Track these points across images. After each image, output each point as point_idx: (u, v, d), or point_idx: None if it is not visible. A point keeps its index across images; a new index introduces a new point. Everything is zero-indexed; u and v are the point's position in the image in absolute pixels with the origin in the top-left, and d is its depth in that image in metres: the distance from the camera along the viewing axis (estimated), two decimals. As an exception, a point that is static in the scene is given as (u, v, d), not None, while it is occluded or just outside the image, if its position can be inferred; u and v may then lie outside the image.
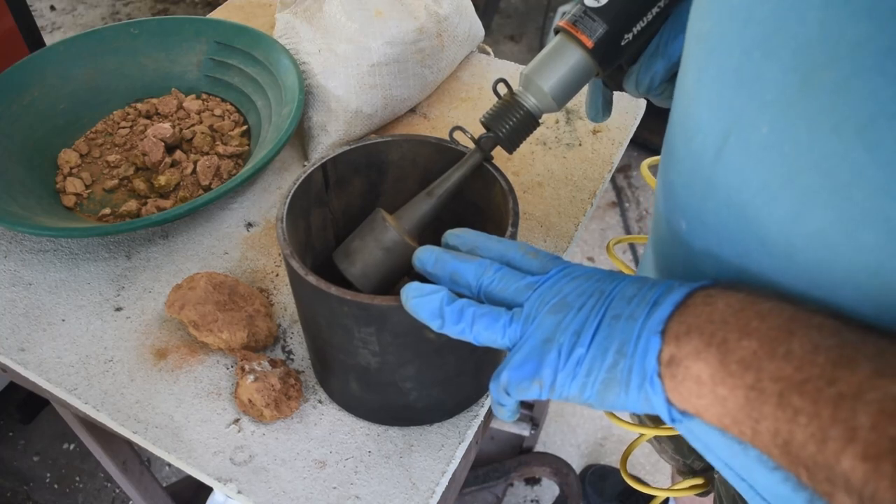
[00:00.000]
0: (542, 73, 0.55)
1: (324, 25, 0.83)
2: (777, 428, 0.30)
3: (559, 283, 0.42)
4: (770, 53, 0.33)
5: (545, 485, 1.45)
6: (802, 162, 0.33)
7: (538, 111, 0.57)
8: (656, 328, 0.36)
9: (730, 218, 0.39)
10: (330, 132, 0.83)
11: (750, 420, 0.32)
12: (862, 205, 0.31)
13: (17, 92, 0.83)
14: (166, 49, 0.91)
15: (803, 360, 0.30)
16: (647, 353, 0.36)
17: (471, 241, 0.47)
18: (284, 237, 0.52)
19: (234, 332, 0.63)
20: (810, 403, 0.29)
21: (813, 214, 0.33)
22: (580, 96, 0.94)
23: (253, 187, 0.82)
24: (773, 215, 0.35)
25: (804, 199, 0.33)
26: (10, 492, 1.42)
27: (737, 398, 0.32)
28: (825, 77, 0.30)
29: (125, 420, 0.61)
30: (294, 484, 0.57)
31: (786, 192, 0.34)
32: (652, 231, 0.54)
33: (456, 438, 0.59)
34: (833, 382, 0.29)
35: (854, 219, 0.31)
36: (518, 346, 0.41)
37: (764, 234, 0.37)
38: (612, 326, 0.38)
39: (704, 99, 0.39)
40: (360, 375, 0.55)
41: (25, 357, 0.65)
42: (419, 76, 0.86)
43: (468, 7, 0.93)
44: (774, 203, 0.35)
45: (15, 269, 0.73)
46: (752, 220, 0.37)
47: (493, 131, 0.57)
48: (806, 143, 0.32)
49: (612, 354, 0.38)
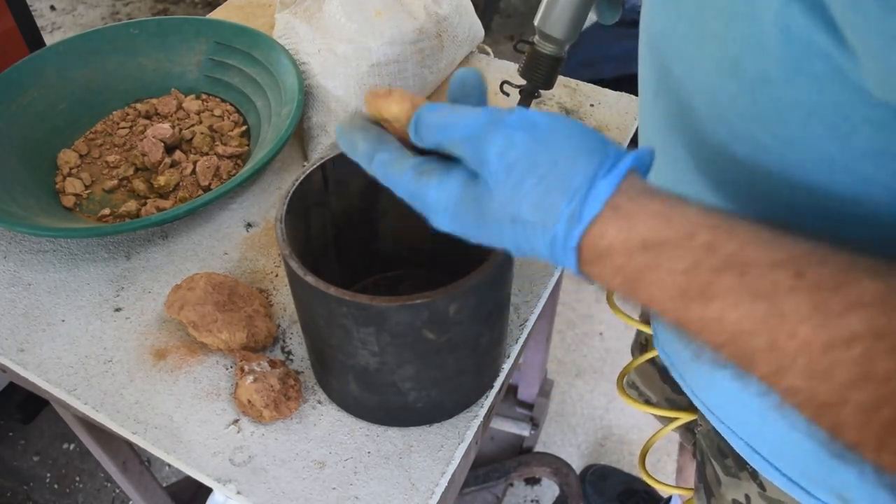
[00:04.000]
0: (549, 21, 0.66)
1: (323, 26, 0.83)
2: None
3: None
4: (680, 13, 0.41)
5: (545, 485, 1.44)
6: (697, 97, 0.42)
7: (558, 53, 0.69)
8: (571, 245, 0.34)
9: (683, 128, 0.46)
10: (330, 132, 0.83)
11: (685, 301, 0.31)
12: (737, 127, 0.39)
13: (17, 92, 0.83)
14: (166, 49, 0.91)
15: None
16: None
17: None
18: (283, 237, 0.52)
19: (233, 333, 0.63)
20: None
21: (721, 132, 0.41)
22: (578, 96, 0.94)
23: (252, 188, 0.82)
24: (701, 127, 0.43)
25: (719, 117, 0.41)
26: (10, 492, 1.42)
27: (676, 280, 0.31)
28: (713, 26, 0.37)
29: (125, 420, 0.61)
30: (293, 484, 0.57)
31: (707, 109, 0.42)
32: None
33: (455, 439, 0.59)
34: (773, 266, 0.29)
35: (733, 140, 0.40)
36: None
37: (698, 140, 0.44)
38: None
39: (645, 56, 0.49)
40: (360, 376, 0.55)
41: (25, 357, 0.65)
42: (419, 76, 0.85)
43: (468, 7, 0.93)
44: (700, 109, 0.43)
45: (14, 270, 0.73)
46: (687, 125, 0.45)
47: (529, 82, 0.71)
48: (698, 80, 0.41)
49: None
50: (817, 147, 0.35)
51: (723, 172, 0.43)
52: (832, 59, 0.31)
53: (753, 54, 0.35)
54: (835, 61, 0.31)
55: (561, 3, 0.64)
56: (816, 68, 0.32)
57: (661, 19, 0.44)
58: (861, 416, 0.26)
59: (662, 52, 0.45)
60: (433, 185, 0.37)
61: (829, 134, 0.34)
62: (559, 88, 0.95)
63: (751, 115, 0.37)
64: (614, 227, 0.32)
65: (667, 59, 0.44)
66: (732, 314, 0.29)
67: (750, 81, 0.36)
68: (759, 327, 0.28)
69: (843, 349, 0.26)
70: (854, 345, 0.26)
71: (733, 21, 0.36)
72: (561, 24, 0.65)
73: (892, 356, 0.25)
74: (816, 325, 0.27)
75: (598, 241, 0.32)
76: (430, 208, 0.37)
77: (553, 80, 0.71)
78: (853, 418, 0.26)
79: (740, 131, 0.39)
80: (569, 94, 0.94)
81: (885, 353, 0.25)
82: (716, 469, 0.62)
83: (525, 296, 0.70)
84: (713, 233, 0.30)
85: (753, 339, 0.28)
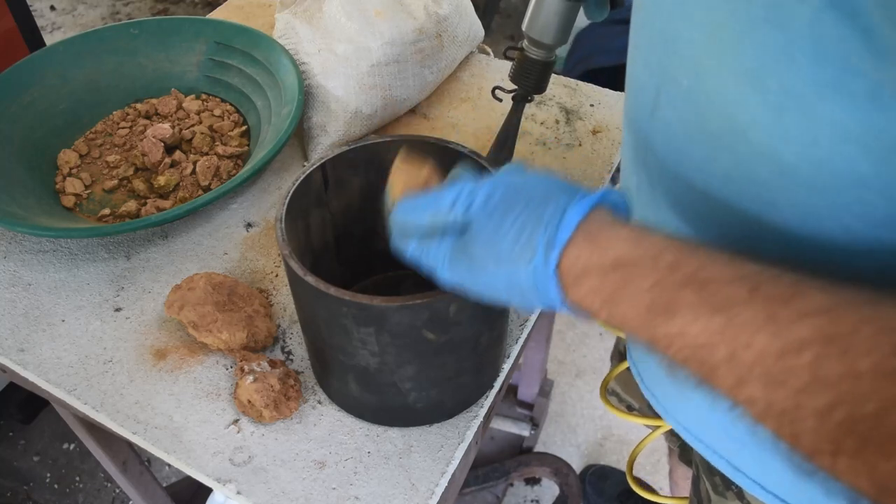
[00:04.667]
0: (536, 27, 0.65)
1: (323, 26, 0.83)
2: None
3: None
4: (686, 14, 0.37)
5: (545, 485, 1.44)
6: (712, 109, 0.37)
7: (548, 57, 0.68)
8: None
9: (665, 170, 0.43)
10: (329, 132, 0.83)
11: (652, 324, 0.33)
12: (757, 146, 0.35)
13: (17, 92, 0.83)
14: (166, 49, 0.91)
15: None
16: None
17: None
18: (283, 237, 0.52)
19: (233, 333, 0.63)
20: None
21: (720, 157, 0.38)
22: (578, 96, 0.94)
23: (252, 188, 0.82)
24: (693, 160, 0.40)
25: (714, 143, 0.38)
26: (10, 492, 1.42)
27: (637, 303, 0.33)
28: (727, 31, 0.34)
29: (124, 420, 0.61)
30: (293, 484, 0.57)
31: (700, 138, 0.39)
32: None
33: (455, 439, 0.59)
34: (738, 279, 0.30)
35: (752, 160, 0.36)
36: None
37: (687, 181, 0.41)
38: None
39: (641, 60, 0.44)
40: (360, 376, 0.55)
41: (25, 357, 0.65)
42: (419, 76, 0.85)
43: (468, 7, 0.93)
44: (693, 150, 0.40)
45: (15, 270, 0.73)
46: (677, 169, 0.42)
47: (520, 87, 0.70)
48: (713, 93, 0.36)
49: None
50: (849, 169, 0.32)
51: (736, 196, 0.39)
52: (868, 77, 0.29)
53: (779, 66, 0.32)
54: (870, 80, 0.29)
55: (547, 8, 0.64)
56: (851, 85, 0.30)
57: (662, 18, 0.40)
58: (816, 421, 0.26)
59: (665, 58, 0.41)
60: (433, 246, 0.42)
61: (863, 156, 0.32)
62: (559, 88, 0.95)
63: (776, 133, 0.34)
64: (587, 249, 0.35)
65: (671, 67, 0.40)
66: (693, 328, 0.30)
67: (774, 95, 0.33)
68: (717, 339, 0.29)
69: (795, 356, 0.27)
70: (805, 351, 0.27)
71: (752, 27, 0.33)
72: (549, 29, 0.65)
73: (841, 360, 0.26)
74: (770, 335, 0.28)
75: (574, 263, 0.35)
76: (432, 265, 0.42)
77: (544, 84, 0.71)
78: (808, 424, 0.26)
79: (762, 149, 0.35)
80: (569, 94, 0.94)
81: (834, 357, 0.26)
82: (707, 486, 0.62)
83: (525, 296, 0.70)
84: (676, 254, 0.32)
85: (713, 351, 0.29)
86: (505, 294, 0.39)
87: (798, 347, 0.27)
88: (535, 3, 0.65)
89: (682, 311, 0.30)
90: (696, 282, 0.30)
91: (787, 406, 0.27)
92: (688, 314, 0.30)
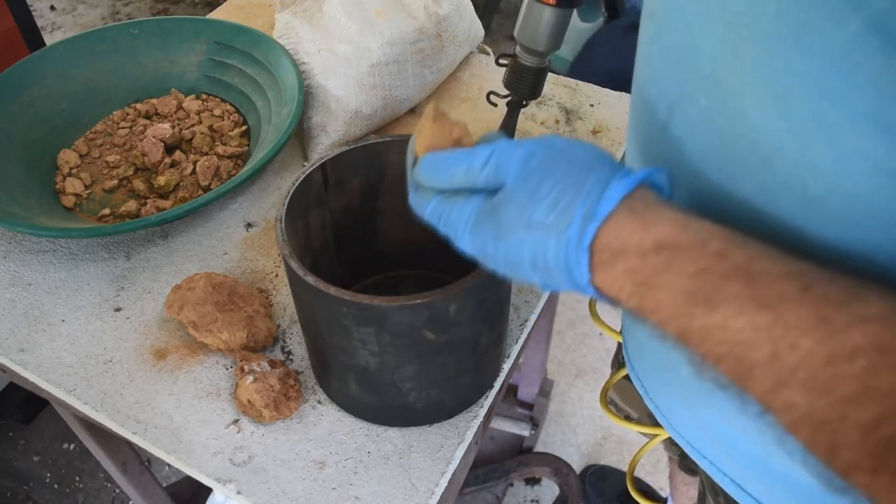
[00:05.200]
0: (528, 34, 0.64)
1: (323, 26, 0.83)
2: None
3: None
4: (706, 28, 0.34)
5: (545, 485, 1.44)
6: (732, 133, 0.34)
7: (541, 63, 0.67)
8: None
9: (676, 190, 0.40)
10: (329, 132, 0.83)
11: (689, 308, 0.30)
12: (782, 175, 0.32)
13: (17, 92, 0.83)
14: (166, 49, 0.91)
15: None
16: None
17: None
18: (283, 237, 0.52)
19: (233, 333, 0.63)
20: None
21: (740, 183, 0.35)
22: (578, 96, 0.94)
23: (252, 188, 0.82)
24: (710, 184, 0.37)
25: (733, 167, 0.35)
26: (10, 492, 1.42)
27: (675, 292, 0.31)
28: (750, 50, 0.31)
29: (124, 420, 0.61)
30: (293, 484, 0.57)
31: (719, 162, 0.36)
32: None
33: (455, 439, 0.59)
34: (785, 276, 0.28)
35: (776, 188, 0.33)
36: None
37: (701, 203, 0.38)
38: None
39: (653, 74, 0.41)
40: (360, 376, 0.55)
41: (25, 357, 0.65)
42: (419, 76, 0.85)
43: (468, 7, 0.93)
44: (710, 172, 0.37)
45: (15, 270, 0.73)
46: (690, 188, 0.39)
47: (514, 94, 0.70)
48: (735, 113, 0.34)
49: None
50: (883, 205, 0.30)
51: (755, 224, 0.36)
52: None
53: (808, 91, 0.30)
54: None
55: (538, 15, 0.62)
56: (890, 116, 0.28)
57: (678, 31, 0.37)
58: (859, 434, 0.25)
59: (682, 73, 0.38)
60: (457, 206, 0.38)
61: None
62: (559, 88, 0.95)
63: (802, 162, 0.32)
64: (629, 227, 0.32)
65: (688, 84, 0.37)
66: (736, 322, 0.28)
67: (802, 121, 0.31)
68: (761, 337, 0.27)
69: (846, 363, 0.25)
70: (857, 359, 0.25)
71: (778, 48, 0.30)
72: (541, 36, 0.64)
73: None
74: (820, 338, 0.26)
75: (612, 240, 0.32)
76: (453, 226, 0.39)
77: (539, 90, 0.69)
78: (851, 437, 0.25)
79: (787, 179, 0.33)
80: (569, 94, 0.94)
81: (888, 367, 0.24)
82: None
83: (525, 296, 0.70)
84: (726, 242, 0.30)
85: (754, 349, 0.27)
86: (528, 266, 0.36)
87: (850, 354, 0.25)
88: (526, 10, 0.63)
89: (725, 302, 0.28)
90: (744, 274, 0.28)
91: (829, 416, 0.25)
92: (732, 307, 0.28)
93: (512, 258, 0.36)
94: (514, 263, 0.36)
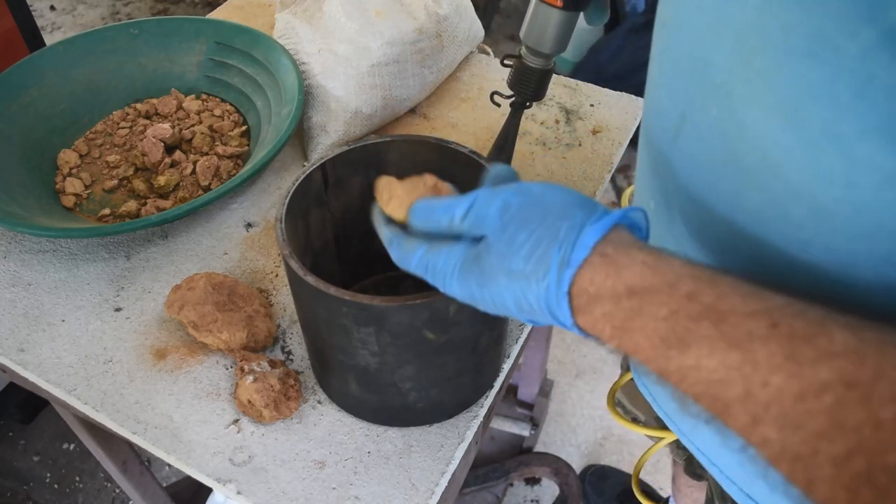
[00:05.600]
0: (534, 36, 0.64)
1: (323, 26, 0.83)
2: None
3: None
4: (716, 39, 0.35)
5: (545, 485, 1.44)
6: (743, 142, 0.34)
7: (546, 65, 0.67)
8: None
9: (686, 198, 0.41)
10: (329, 132, 0.83)
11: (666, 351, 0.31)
12: (792, 185, 0.33)
13: (17, 92, 0.83)
14: (166, 49, 0.91)
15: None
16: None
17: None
18: (283, 237, 0.52)
19: (233, 333, 0.63)
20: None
21: (750, 193, 0.35)
22: (578, 96, 0.94)
23: (252, 187, 0.82)
24: (720, 193, 0.38)
25: (743, 177, 0.35)
26: (10, 492, 1.42)
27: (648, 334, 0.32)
28: (761, 60, 0.32)
29: (124, 420, 0.61)
30: (293, 484, 0.57)
31: (728, 171, 0.36)
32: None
33: (455, 439, 0.59)
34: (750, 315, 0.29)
35: (785, 199, 0.33)
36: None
37: (711, 212, 0.39)
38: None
39: (664, 84, 0.42)
40: (360, 376, 0.55)
41: (25, 357, 0.65)
42: (419, 76, 0.85)
43: (468, 7, 0.93)
44: (720, 183, 0.37)
45: (15, 270, 0.73)
46: (700, 199, 0.39)
47: (518, 95, 0.69)
48: (745, 124, 0.34)
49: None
50: (892, 217, 0.30)
51: (764, 234, 0.37)
52: None
53: (819, 102, 0.30)
54: None
55: (544, 17, 0.62)
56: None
57: (690, 40, 0.38)
58: (832, 469, 0.25)
59: (693, 83, 0.38)
60: (443, 254, 0.40)
61: None
62: (559, 88, 0.95)
63: (812, 173, 0.32)
64: (602, 272, 0.33)
65: (699, 94, 0.37)
66: (709, 362, 0.28)
67: (813, 132, 0.31)
68: (733, 375, 0.28)
69: (815, 399, 0.25)
70: (825, 394, 0.25)
71: (790, 59, 0.30)
72: (547, 38, 0.64)
73: (863, 405, 0.25)
74: (789, 375, 0.26)
75: (587, 286, 0.33)
76: (440, 275, 0.40)
77: (543, 91, 0.69)
78: (825, 471, 0.25)
79: (797, 189, 0.33)
80: (569, 94, 0.94)
81: (855, 402, 0.25)
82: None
83: (525, 296, 0.70)
84: (695, 283, 0.30)
85: (728, 388, 0.28)
86: (514, 310, 0.38)
87: (818, 390, 0.25)
88: (532, 12, 0.63)
89: (697, 343, 0.29)
90: (714, 313, 0.29)
91: (802, 451, 0.26)
92: (703, 347, 0.29)
93: (498, 303, 0.38)
94: (501, 307, 0.38)
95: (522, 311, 0.37)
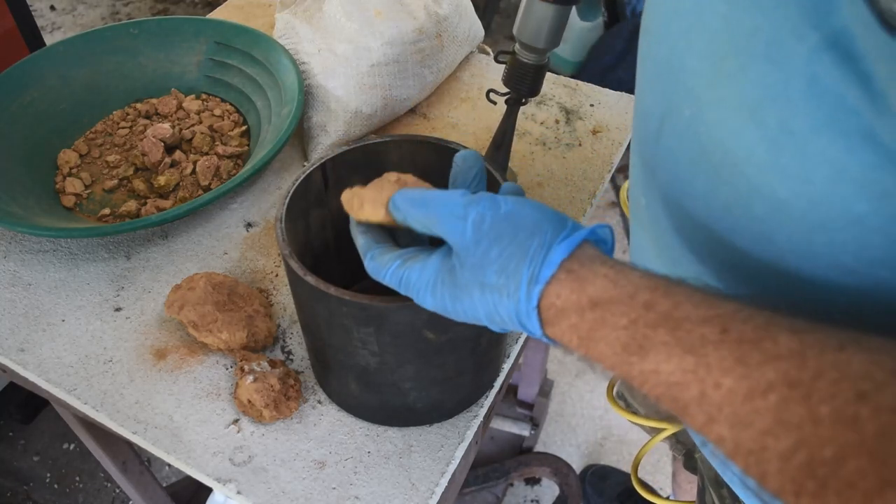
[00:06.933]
0: (527, 31, 0.64)
1: (323, 26, 0.83)
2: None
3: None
4: (689, 44, 0.37)
5: (545, 485, 1.45)
6: (711, 141, 0.37)
7: (540, 61, 0.67)
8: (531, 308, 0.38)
9: (669, 196, 0.43)
10: (329, 132, 0.83)
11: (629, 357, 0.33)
12: (754, 181, 0.35)
13: (17, 92, 0.83)
14: (166, 49, 0.91)
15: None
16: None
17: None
18: (283, 237, 0.52)
19: (233, 333, 0.63)
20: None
21: (720, 189, 0.38)
22: (578, 96, 0.94)
23: (252, 187, 0.82)
24: (695, 190, 0.40)
25: (714, 175, 0.38)
26: (10, 492, 1.42)
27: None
28: (728, 64, 0.34)
29: (124, 420, 0.61)
30: (293, 484, 0.57)
31: (701, 169, 0.39)
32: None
33: (455, 439, 0.59)
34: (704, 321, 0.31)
35: (749, 194, 0.36)
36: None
37: (688, 209, 0.41)
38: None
39: (647, 87, 0.44)
40: (360, 376, 0.55)
41: (25, 357, 0.65)
42: (419, 76, 0.86)
43: (468, 7, 0.93)
44: (694, 180, 0.40)
45: (15, 270, 0.73)
46: (679, 196, 0.42)
47: (514, 91, 0.69)
48: (713, 124, 0.36)
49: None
50: (845, 208, 0.32)
51: (734, 229, 0.39)
52: (863, 117, 0.29)
53: (776, 102, 0.32)
54: (865, 120, 0.29)
55: (537, 12, 0.63)
56: (846, 125, 0.30)
57: (666, 46, 0.40)
58: (779, 463, 0.27)
59: (669, 86, 0.40)
60: (416, 268, 0.41)
61: (859, 195, 0.31)
62: (559, 88, 0.95)
63: (771, 169, 0.34)
64: (567, 287, 0.35)
65: (675, 96, 0.40)
66: (666, 366, 0.31)
67: (772, 130, 0.33)
68: (689, 378, 0.30)
69: (761, 398, 0.27)
70: (770, 394, 0.27)
71: (752, 62, 0.32)
72: (540, 33, 0.64)
73: (804, 404, 0.26)
74: (738, 377, 0.28)
75: (555, 300, 0.36)
76: (414, 288, 0.42)
77: (538, 87, 0.70)
78: (773, 465, 0.27)
79: (758, 184, 0.35)
80: (569, 94, 0.94)
81: (797, 400, 0.27)
82: (713, 498, 0.61)
83: (525, 296, 0.70)
84: (651, 293, 0.33)
85: (685, 390, 0.30)
86: (486, 321, 0.40)
87: (764, 390, 0.28)
88: (525, 8, 0.63)
89: (655, 349, 0.31)
90: (669, 321, 0.31)
91: (753, 447, 0.28)
92: (661, 353, 0.31)
93: (470, 315, 0.40)
94: (473, 319, 0.40)
95: (494, 322, 0.39)
